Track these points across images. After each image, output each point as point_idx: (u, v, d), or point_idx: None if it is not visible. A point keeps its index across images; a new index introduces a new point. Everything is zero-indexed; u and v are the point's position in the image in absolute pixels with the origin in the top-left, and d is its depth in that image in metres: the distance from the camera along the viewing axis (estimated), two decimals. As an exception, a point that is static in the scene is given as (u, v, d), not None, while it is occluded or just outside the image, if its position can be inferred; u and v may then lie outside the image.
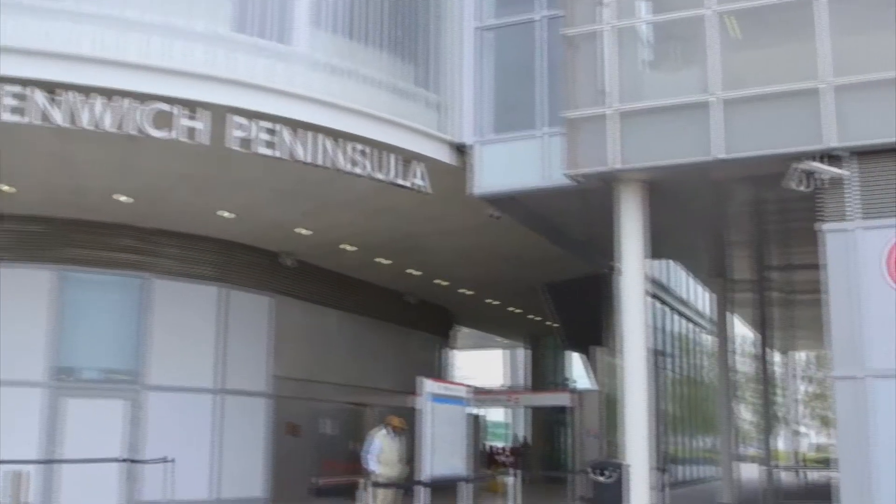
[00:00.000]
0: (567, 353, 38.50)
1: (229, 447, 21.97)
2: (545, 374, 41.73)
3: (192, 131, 14.23)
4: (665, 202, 17.17)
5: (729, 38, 15.72)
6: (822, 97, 14.87)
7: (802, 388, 65.64)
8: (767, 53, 15.88)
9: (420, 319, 31.66)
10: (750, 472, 37.00)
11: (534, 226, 19.89)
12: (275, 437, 23.29)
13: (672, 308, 33.16)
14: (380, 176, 16.09)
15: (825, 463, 35.95)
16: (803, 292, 28.14)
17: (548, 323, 33.06)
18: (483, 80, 17.94)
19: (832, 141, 14.77)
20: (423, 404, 14.94)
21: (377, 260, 25.04)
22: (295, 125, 15.14)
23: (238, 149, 14.65)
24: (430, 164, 16.97)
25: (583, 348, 31.36)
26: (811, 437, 74.32)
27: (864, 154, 14.90)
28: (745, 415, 72.06)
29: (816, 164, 14.80)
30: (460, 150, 17.62)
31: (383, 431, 17.27)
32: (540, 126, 17.18)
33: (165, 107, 14.10)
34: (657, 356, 30.06)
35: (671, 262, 30.88)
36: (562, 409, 30.40)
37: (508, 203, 18.05)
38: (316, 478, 23.57)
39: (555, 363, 41.82)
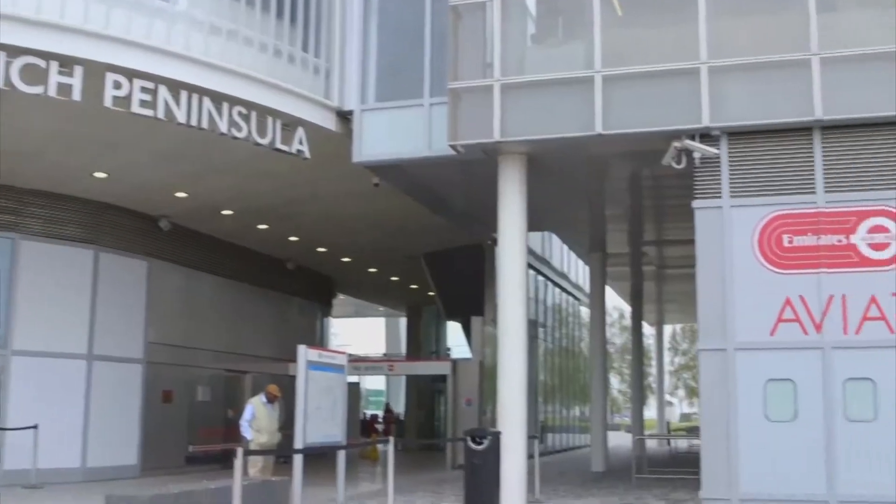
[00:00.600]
0: (446, 322, 38.77)
1: (102, 414, 21.42)
2: (424, 343, 41.96)
3: (65, 88, 13.69)
4: (546, 175, 17.39)
5: (613, 16, 15.97)
6: (701, 77, 15.26)
7: (672, 359, 67.79)
8: (650, 33, 16.17)
9: (299, 286, 31.42)
10: (620, 441, 38.07)
11: (416, 195, 19.91)
12: (149, 405, 22.83)
13: (550, 280, 33.72)
14: (260, 140, 15.83)
15: (691, 431, 37.23)
16: (676, 267, 28.97)
17: (428, 292, 33.22)
18: (369, 47, 17.81)
19: (708, 120, 15.19)
20: (300, 372, 14.84)
21: (257, 225, 24.72)
22: (174, 85, 14.73)
23: (114, 108, 14.19)
24: (313, 129, 16.78)
25: (462, 318, 31.62)
26: (679, 407, 76.88)
27: (738, 134, 15.38)
28: (618, 385, 74.12)
29: (692, 143, 15.20)
30: (343, 116, 17.48)
31: (259, 398, 17.15)
32: (425, 95, 17.16)
33: (38, 61, 13.53)
34: (534, 327, 30.59)
35: (550, 235, 31.36)
36: (440, 378, 30.67)
37: (391, 171, 18.01)
38: (191, 445, 23.21)
39: (434, 332, 42.09)
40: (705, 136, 15.36)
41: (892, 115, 14.77)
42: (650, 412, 51.65)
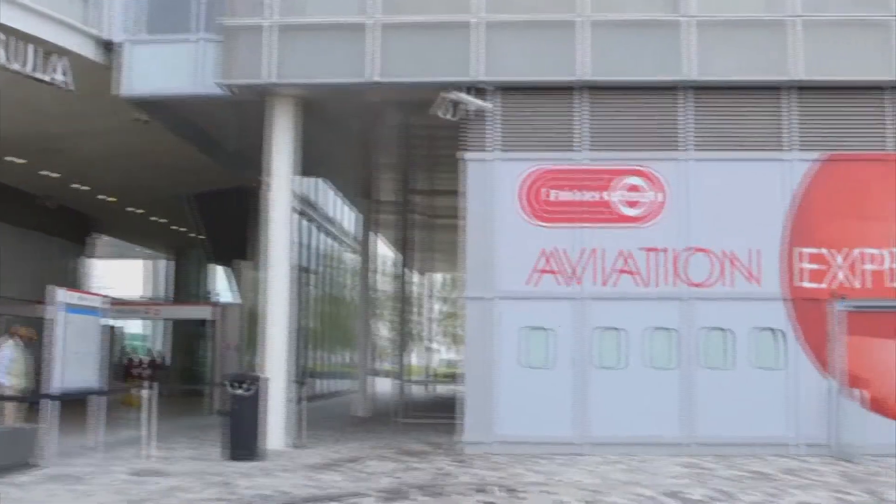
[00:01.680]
0: (212, 266, 37.94)
1: None
2: (188, 286, 40.90)
3: None
4: (319, 120, 17.26)
5: (390, -37, 15.94)
6: (474, 31, 15.53)
7: (437, 307, 69.27)
8: (426, -17, 16.26)
9: (56, 225, 29.83)
10: (385, 386, 38.66)
11: (183, 133, 19.26)
12: None
13: (319, 226, 33.58)
14: (16, 67, 14.79)
15: (453, 378, 38.28)
16: (443, 217, 29.48)
17: (193, 234, 32.35)
18: (137, -24, 16.97)
19: (479, 74, 15.51)
20: (54, 314, 14.14)
21: (9, 158, 23.16)
22: (-83, 3, 13.54)
23: None
24: (74, 59, 15.83)
25: (228, 262, 31.03)
26: (442, 354, 78.84)
27: (508, 89, 15.79)
28: (383, 331, 75.11)
29: (463, 95, 15.49)
30: (108, 47, 16.59)
31: (11, 342, 16.21)
32: (196, 30, 16.55)
33: None
34: (301, 272, 30.43)
35: (320, 181, 31.19)
36: (203, 323, 30.04)
37: (158, 108, 17.34)
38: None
39: (199, 276, 41.06)
40: (477, 89, 15.68)
41: (648, 80, 15.62)
42: (414, 358, 52.65)
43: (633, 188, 15.66)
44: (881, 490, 11.46)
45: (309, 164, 18.45)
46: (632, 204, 15.64)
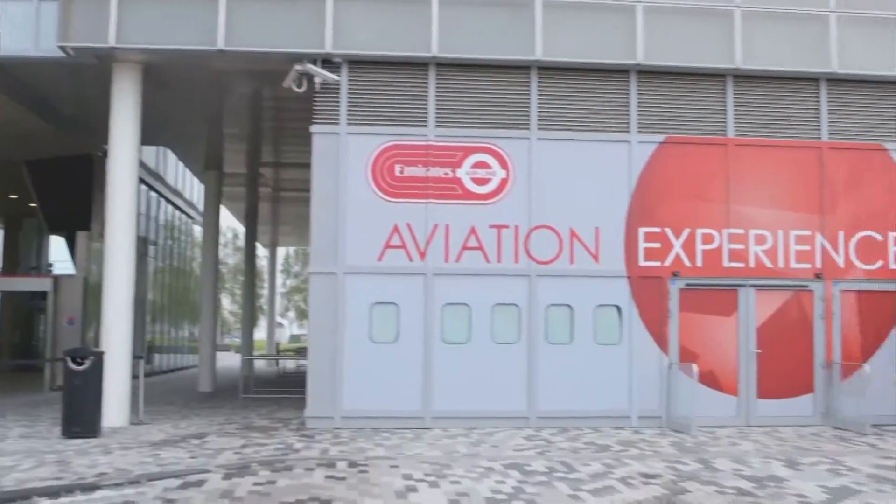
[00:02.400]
0: (49, 236, 36.47)
1: None
2: (23, 257, 39.20)
3: None
4: (164, 88, 16.78)
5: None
6: (326, 3, 15.35)
7: (285, 281, 68.68)
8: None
9: None
10: (230, 361, 38.13)
11: (19, 96, 18.39)
12: None
13: (163, 196, 32.72)
14: None
15: (300, 352, 38.06)
16: (292, 190, 29.24)
17: (30, 203, 30.98)
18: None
19: (331, 47, 15.36)
20: None
21: None
22: None
23: None
24: None
25: (67, 232, 29.88)
26: (289, 329, 78.24)
27: (359, 63, 15.70)
28: (229, 305, 73.96)
29: (313, 68, 15.32)
30: (-64, 3, 15.70)
31: None
32: (33, -11, 15.82)
33: None
34: (144, 244, 29.62)
35: (165, 150, 30.39)
36: (40, 295, 28.87)
37: (-8, 69, 16.52)
38: None
39: (35, 246, 39.41)
40: (327, 62, 15.54)
41: (498, 59, 15.80)
42: (261, 333, 52.02)
43: (482, 165, 15.83)
44: (711, 459, 12.01)
45: (153, 132, 17.94)
46: (480, 181, 15.82)
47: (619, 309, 15.96)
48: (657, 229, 16.10)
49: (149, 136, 16.72)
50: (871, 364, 15.99)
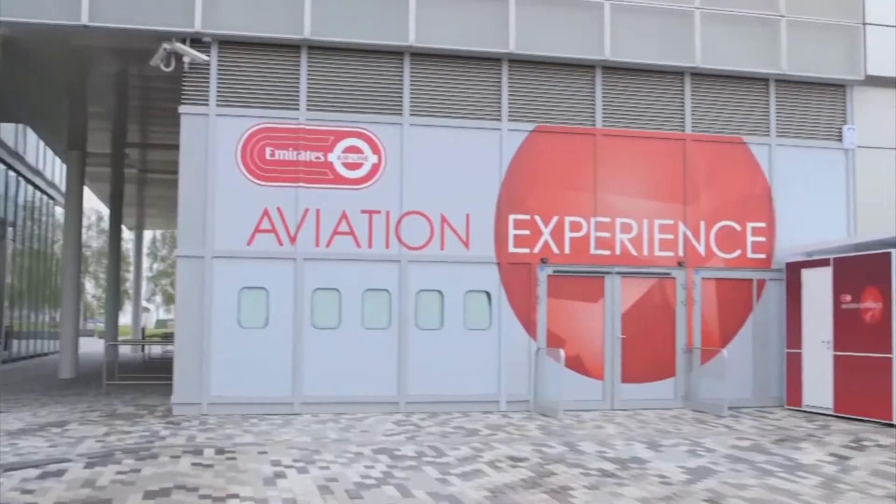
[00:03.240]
0: None
1: None
2: None
3: None
4: (23, 62, 16.14)
5: None
6: (194, -20, 15.02)
7: (151, 265, 67.02)
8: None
9: None
10: (94, 347, 37.05)
11: None
12: None
13: (22, 176, 31.51)
14: None
15: (167, 338, 37.26)
16: (159, 171, 28.53)
17: None
18: None
19: (200, 26, 15.03)
20: None
21: None
22: None
23: None
24: None
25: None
26: (156, 313, 76.45)
27: (229, 43, 15.42)
28: (93, 289, 71.82)
29: (182, 47, 14.97)
30: None
31: None
32: None
33: None
34: (2, 226, 28.49)
35: (25, 128, 29.27)
36: None
37: None
38: None
39: None
40: (197, 41, 15.22)
41: (371, 44, 15.74)
42: (126, 318, 50.68)
43: (354, 150, 15.77)
44: (576, 442, 12.28)
45: (11, 109, 17.25)
46: (352, 166, 15.75)
47: (488, 295, 16.15)
48: (526, 216, 16.34)
49: (7, 111, 16.08)
50: (729, 349, 16.63)
